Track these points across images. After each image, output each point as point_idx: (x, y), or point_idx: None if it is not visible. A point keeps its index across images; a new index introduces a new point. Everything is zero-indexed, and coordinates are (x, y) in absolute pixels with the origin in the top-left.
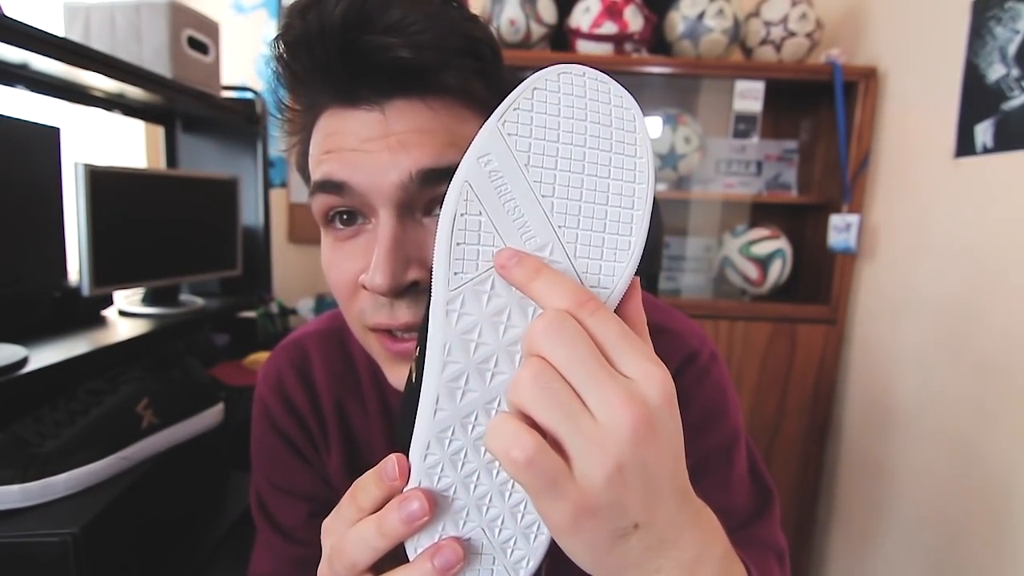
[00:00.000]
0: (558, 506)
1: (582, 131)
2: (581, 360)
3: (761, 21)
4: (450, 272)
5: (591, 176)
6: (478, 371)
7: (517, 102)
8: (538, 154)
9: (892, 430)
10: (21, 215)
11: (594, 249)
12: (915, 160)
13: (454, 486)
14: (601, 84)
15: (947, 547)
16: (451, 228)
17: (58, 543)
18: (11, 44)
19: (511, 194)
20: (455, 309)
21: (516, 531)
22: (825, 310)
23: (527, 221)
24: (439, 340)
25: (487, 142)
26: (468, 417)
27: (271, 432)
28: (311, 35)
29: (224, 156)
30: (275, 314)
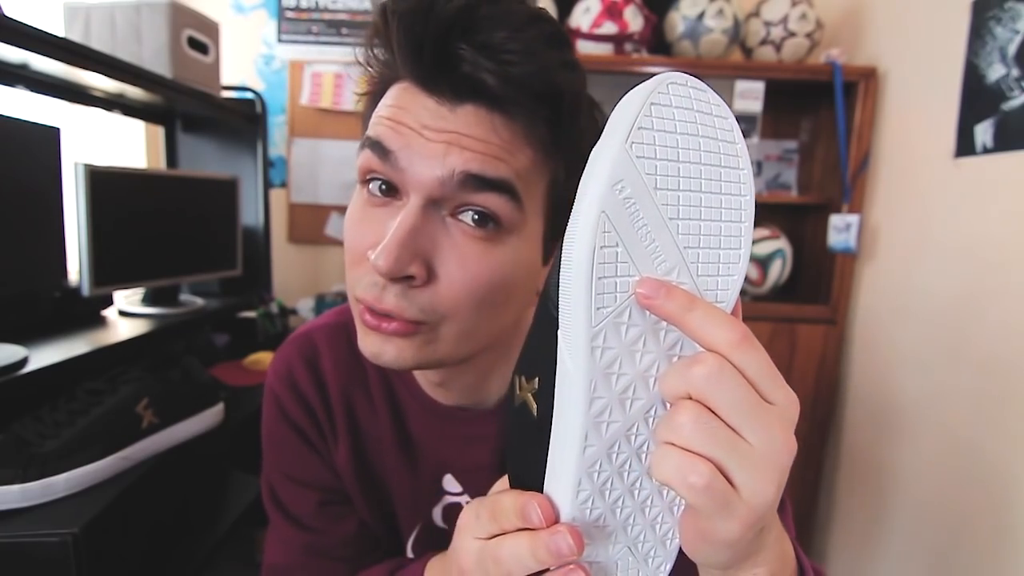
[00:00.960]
0: (730, 524)
1: (696, 147)
2: (741, 401)
3: (761, 21)
4: (592, 308)
5: (707, 193)
6: (619, 402)
7: (639, 120)
8: (664, 175)
9: (892, 430)
10: (21, 215)
11: (711, 266)
12: (915, 160)
13: (603, 515)
14: (702, 93)
15: (947, 546)
16: (591, 262)
17: (58, 543)
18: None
19: (643, 219)
20: (599, 345)
21: (655, 541)
22: (825, 310)
23: (658, 246)
24: (584, 378)
25: (619, 167)
26: (612, 447)
27: (282, 422)
28: (417, 13)
29: (224, 156)
30: (275, 314)
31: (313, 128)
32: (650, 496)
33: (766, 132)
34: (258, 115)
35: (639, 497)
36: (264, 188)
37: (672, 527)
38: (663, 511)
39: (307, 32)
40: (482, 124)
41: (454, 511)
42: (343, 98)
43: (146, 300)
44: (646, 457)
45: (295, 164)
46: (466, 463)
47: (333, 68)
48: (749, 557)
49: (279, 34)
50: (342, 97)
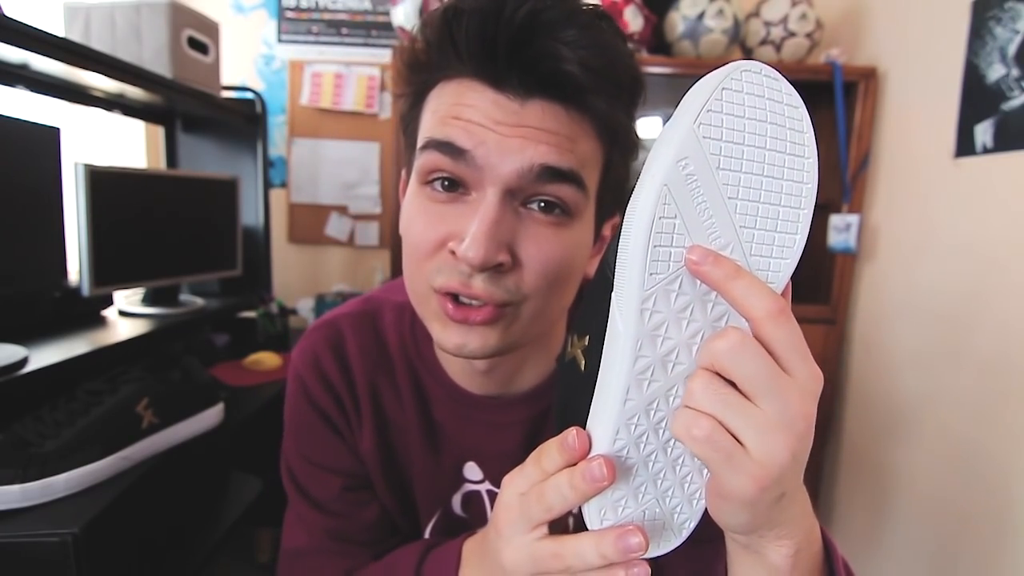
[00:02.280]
0: (739, 479)
1: (763, 132)
2: (757, 373)
3: (761, 21)
4: (646, 273)
5: (768, 177)
6: (662, 363)
7: (709, 103)
8: (727, 156)
9: (892, 430)
10: (21, 215)
11: (765, 247)
12: (915, 160)
13: (636, 465)
14: (774, 82)
15: (948, 546)
16: (649, 230)
17: (58, 543)
18: (11, 44)
19: (703, 196)
20: (648, 308)
21: (683, 498)
22: (825, 310)
23: (715, 222)
24: (632, 337)
25: (685, 145)
26: (651, 404)
27: (308, 408)
28: (488, 13)
29: (224, 156)
30: (275, 314)
31: (313, 128)
32: (682, 456)
33: None
34: (258, 115)
35: (671, 454)
36: (264, 188)
37: (699, 488)
38: (693, 471)
39: (307, 32)
40: (552, 117)
41: (473, 499)
42: (343, 98)
43: (146, 300)
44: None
45: (295, 164)
46: (491, 450)
47: (333, 68)
48: (772, 527)
49: (279, 34)
50: (342, 97)
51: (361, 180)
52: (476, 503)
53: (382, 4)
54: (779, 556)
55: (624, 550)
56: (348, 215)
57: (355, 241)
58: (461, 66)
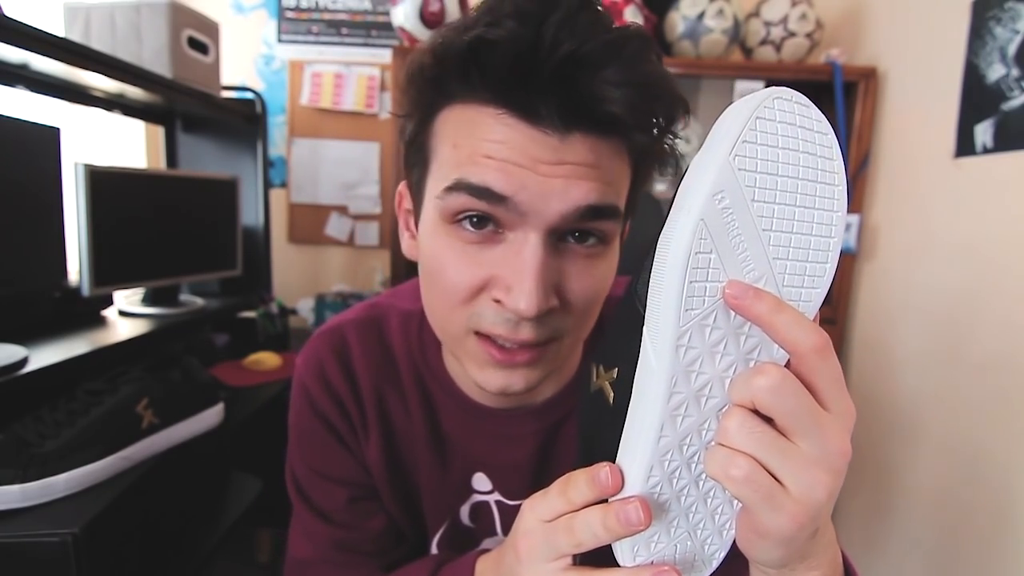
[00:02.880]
0: (779, 519)
1: (796, 162)
2: (796, 409)
3: (761, 21)
4: (682, 309)
5: (801, 208)
6: (696, 398)
7: (744, 134)
8: (763, 188)
9: (892, 430)
10: (21, 215)
11: (797, 278)
12: (915, 160)
13: (669, 500)
14: (804, 109)
15: (948, 546)
16: (686, 266)
17: (58, 543)
18: (11, 44)
19: (738, 229)
20: (684, 344)
21: (713, 530)
22: (825, 310)
23: (749, 255)
24: (667, 373)
25: (721, 178)
26: (684, 440)
27: (312, 416)
28: (524, 45)
29: (224, 156)
30: (275, 314)
31: (313, 128)
32: (713, 488)
33: None
34: (258, 115)
35: (703, 488)
36: (264, 188)
37: (730, 519)
38: (723, 503)
39: (307, 32)
40: (593, 151)
41: (482, 510)
42: (343, 98)
43: (146, 300)
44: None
45: (295, 164)
46: (501, 461)
47: (333, 68)
48: (804, 559)
49: (279, 34)
50: (342, 97)
51: (361, 180)
52: (485, 514)
53: (382, 4)
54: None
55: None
56: (348, 215)
57: (355, 241)
58: (486, 95)
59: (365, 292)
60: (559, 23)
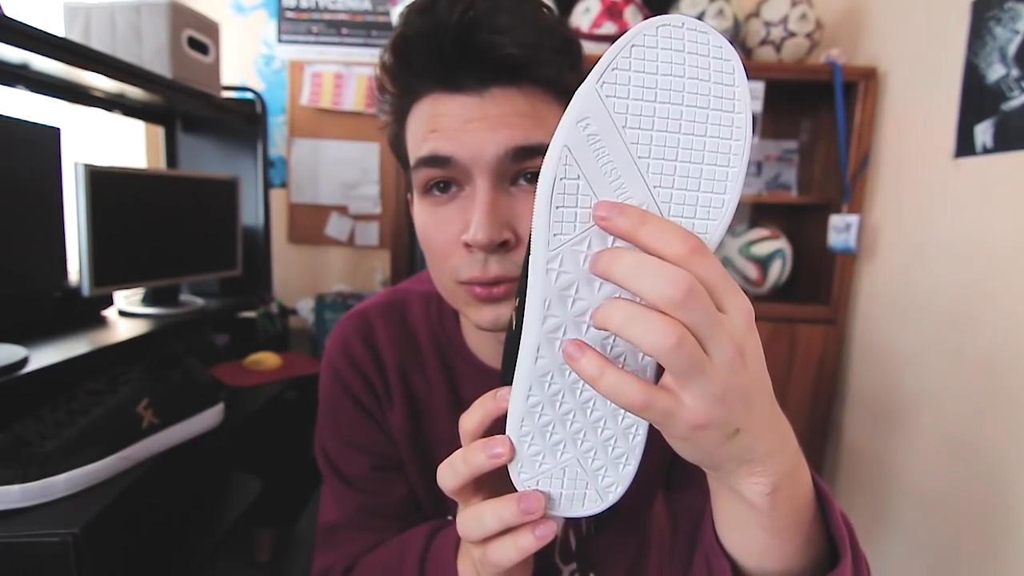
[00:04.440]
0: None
1: (680, 88)
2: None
3: (761, 21)
4: (550, 234)
5: (688, 135)
6: (575, 323)
7: (615, 61)
8: (636, 115)
9: (892, 430)
10: (21, 215)
11: (688, 208)
12: (915, 160)
13: (552, 423)
14: (700, 35)
15: (948, 545)
16: (551, 192)
17: (58, 543)
18: (11, 44)
19: (608, 156)
20: (554, 268)
21: (607, 461)
22: (825, 310)
23: (624, 183)
24: (539, 295)
25: (586, 106)
26: (565, 364)
27: (341, 393)
28: (428, 31)
29: (224, 156)
30: (275, 314)
31: (313, 128)
32: (603, 418)
33: (766, 132)
34: (258, 115)
35: (591, 416)
36: (264, 188)
37: (627, 452)
38: (617, 435)
39: (307, 32)
40: (513, 99)
41: None
42: (343, 98)
43: (146, 300)
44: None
45: (295, 164)
46: None
47: (333, 68)
48: (741, 462)
49: (279, 34)
50: (342, 97)
51: (361, 180)
52: None
53: (382, 4)
54: (754, 493)
55: (524, 512)
56: (348, 215)
57: (355, 241)
58: (425, 84)
59: (365, 292)
60: (450, 2)
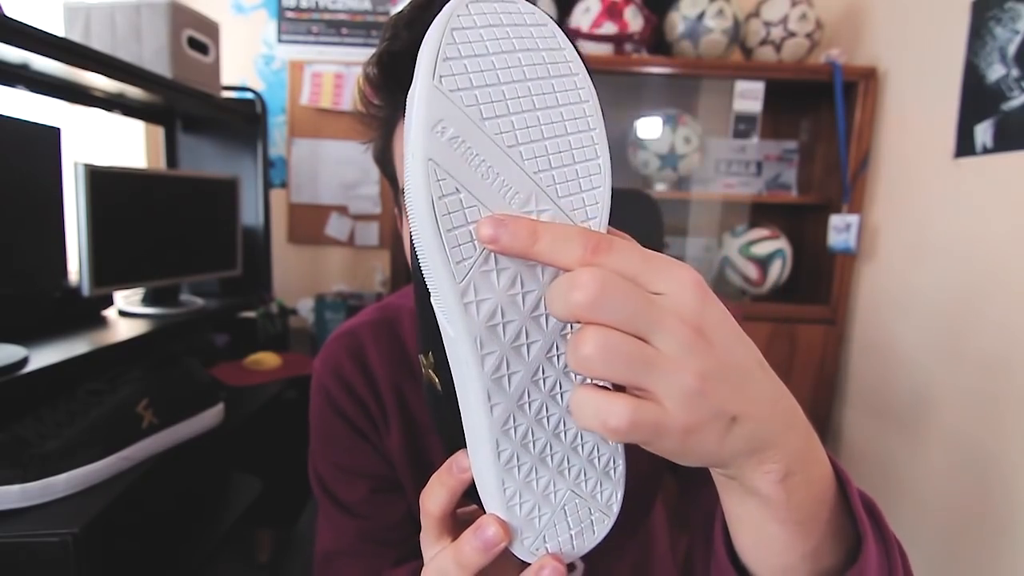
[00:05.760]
0: (668, 441)
1: (516, 63)
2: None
3: (761, 21)
4: (451, 264)
5: (543, 109)
6: (514, 350)
7: (443, 50)
8: (487, 103)
9: (892, 430)
10: (21, 215)
11: (572, 183)
12: (915, 160)
13: (534, 467)
14: (508, 5)
15: (948, 545)
16: (434, 216)
17: (58, 543)
18: (11, 44)
19: (479, 156)
20: (471, 300)
21: (598, 475)
22: (825, 310)
23: (504, 179)
24: (467, 337)
25: (433, 107)
26: (522, 398)
27: (334, 416)
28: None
29: (224, 156)
30: (275, 314)
31: (313, 128)
32: (578, 433)
33: (766, 132)
34: (258, 115)
35: (567, 438)
36: (264, 188)
37: (611, 455)
38: (597, 443)
39: (307, 32)
40: None
41: None
42: (343, 98)
43: (146, 300)
44: (562, 397)
45: (295, 164)
46: None
47: (333, 68)
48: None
49: (279, 34)
50: (342, 97)
51: (361, 180)
52: None
53: (382, 4)
54: (766, 483)
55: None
56: (348, 215)
57: (355, 241)
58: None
59: (365, 292)
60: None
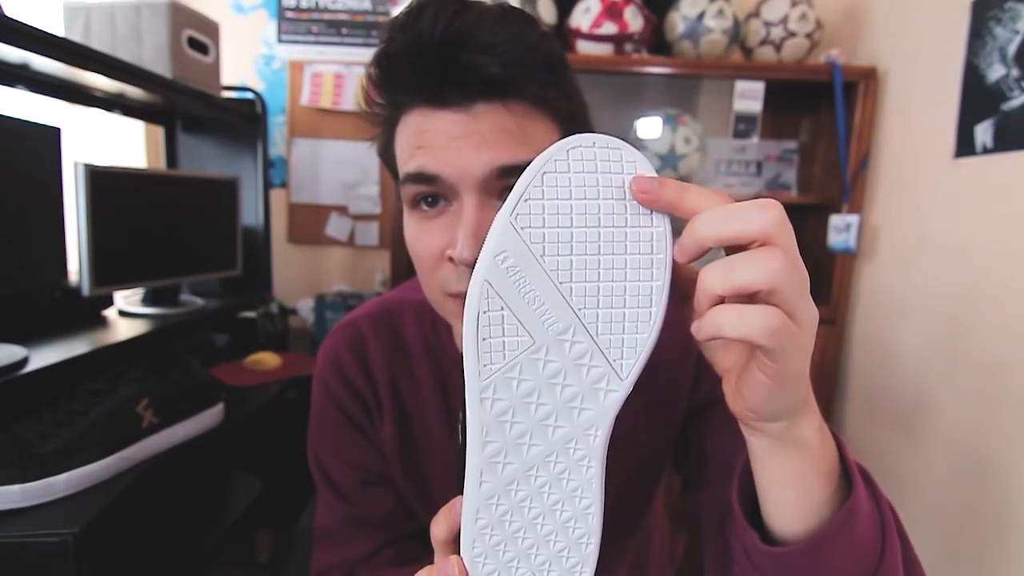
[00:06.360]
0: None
1: (595, 209)
2: (793, 243)
3: (761, 21)
4: (479, 365)
5: (608, 255)
6: (515, 446)
7: (527, 192)
8: (553, 242)
9: (892, 430)
10: (21, 215)
11: (615, 325)
12: (915, 160)
13: (504, 541)
14: (612, 151)
15: (948, 545)
16: (476, 326)
17: (58, 543)
18: (11, 44)
19: (529, 285)
20: (488, 397)
21: (562, 572)
22: (825, 310)
23: (548, 308)
24: (477, 424)
25: (502, 239)
26: (511, 485)
27: (332, 409)
28: (411, 48)
29: (224, 156)
30: (275, 314)
31: (313, 128)
32: (554, 531)
33: (766, 132)
34: (258, 115)
35: (541, 531)
36: (264, 188)
37: (580, 560)
38: (569, 546)
39: (307, 32)
40: (499, 116)
41: None
42: (343, 98)
43: (146, 300)
44: (548, 496)
45: (295, 164)
46: None
47: (333, 68)
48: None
49: (279, 34)
50: (342, 97)
51: (361, 180)
52: None
53: (382, 4)
54: (811, 430)
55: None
56: (348, 215)
57: (355, 241)
58: (411, 99)
59: (365, 292)
60: (432, 18)
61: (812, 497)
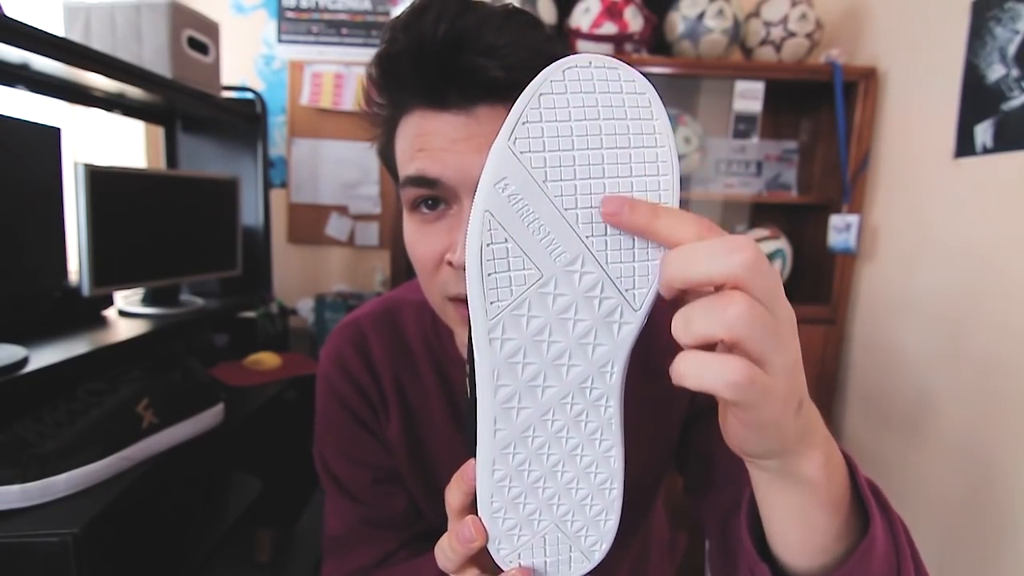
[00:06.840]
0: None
1: (596, 130)
2: (772, 284)
3: (761, 21)
4: (486, 303)
5: (613, 177)
6: (529, 389)
7: (525, 114)
8: (555, 166)
9: (892, 429)
10: (21, 215)
11: (625, 252)
12: (915, 160)
13: (523, 493)
14: (610, 71)
15: (948, 545)
16: (479, 260)
17: (58, 543)
18: (11, 44)
19: (534, 214)
20: (497, 337)
21: (586, 521)
22: (825, 310)
23: (554, 238)
24: (487, 367)
25: (501, 165)
26: (527, 431)
27: (337, 406)
28: (413, 49)
29: (224, 156)
30: (275, 314)
31: (313, 128)
32: (575, 478)
33: (766, 132)
34: (258, 115)
35: (562, 479)
36: (264, 188)
37: (604, 507)
38: (592, 493)
39: (307, 32)
40: (498, 119)
41: None
42: (343, 98)
43: (146, 300)
44: (567, 441)
45: (295, 164)
46: None
47: (333, 68)
48: (802, 438)
49: (279, 34)
50: (342, 97)
51: (361, 180)
52: None
53: (382, 4)
54: (812, 467)
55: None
56: (348, 215)
57: (355, 241)
58: (412, 100)
59: (365, 292)
60: (434, 19)
61: (817, 532)
